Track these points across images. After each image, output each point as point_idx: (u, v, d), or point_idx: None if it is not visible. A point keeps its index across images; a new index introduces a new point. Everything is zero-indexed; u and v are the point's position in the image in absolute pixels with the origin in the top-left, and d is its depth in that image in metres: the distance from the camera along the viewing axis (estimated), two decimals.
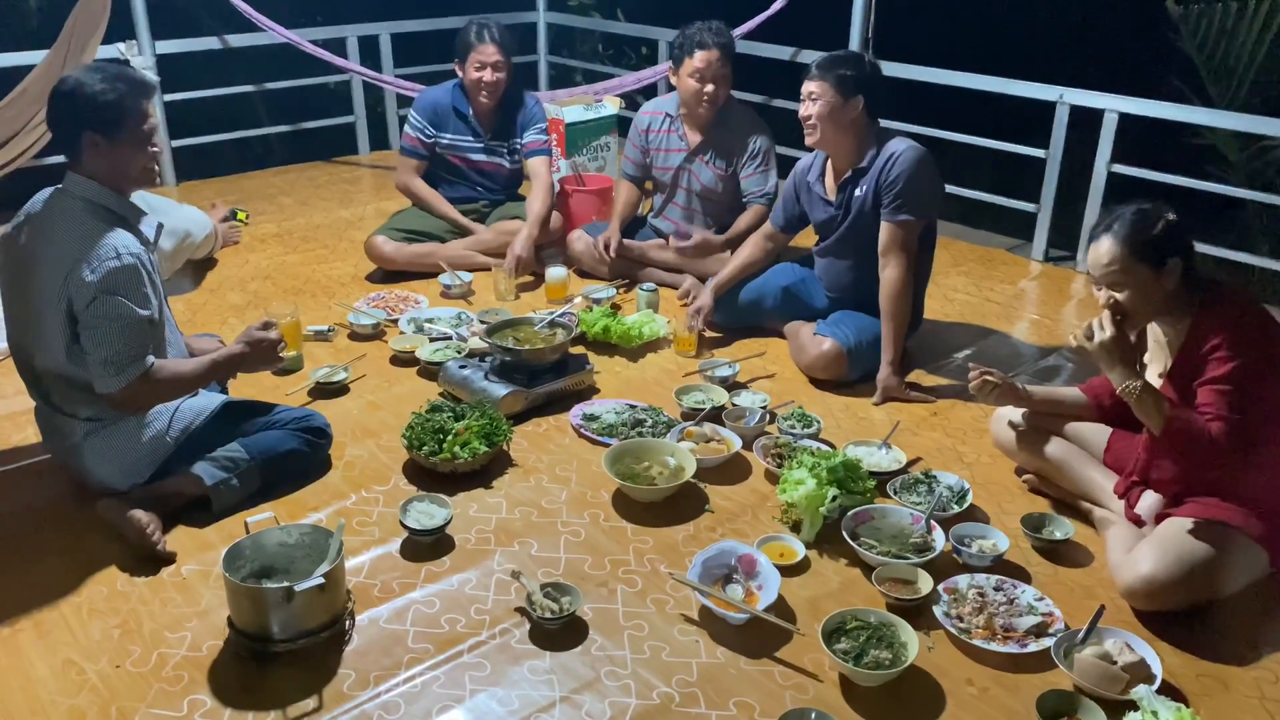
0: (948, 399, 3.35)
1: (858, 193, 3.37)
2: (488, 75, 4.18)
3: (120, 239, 2.44)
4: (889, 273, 3.29)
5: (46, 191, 2.57)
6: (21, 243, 2.52)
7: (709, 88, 3.95)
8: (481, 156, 4.42)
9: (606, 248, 4.19)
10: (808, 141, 3.37)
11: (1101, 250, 2.33)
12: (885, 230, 3.29)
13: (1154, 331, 2.50)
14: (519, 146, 4.41)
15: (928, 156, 3.29)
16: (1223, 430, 2.25)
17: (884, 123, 3.44)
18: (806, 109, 3.31)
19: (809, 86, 3.30)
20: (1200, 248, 2.41)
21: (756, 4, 5.31)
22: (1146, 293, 2.32)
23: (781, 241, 3.76)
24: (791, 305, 3.70)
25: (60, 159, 2.66)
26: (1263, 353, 2.28)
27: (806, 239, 3.82)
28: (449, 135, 4.37)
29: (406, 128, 4.39)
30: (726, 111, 4.06)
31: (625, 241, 4.25)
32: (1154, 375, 2.47)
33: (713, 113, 4.03)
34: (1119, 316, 2.34)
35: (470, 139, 4.38)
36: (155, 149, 2.54)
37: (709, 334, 3.78)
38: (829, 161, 3.48)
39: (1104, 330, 2.32)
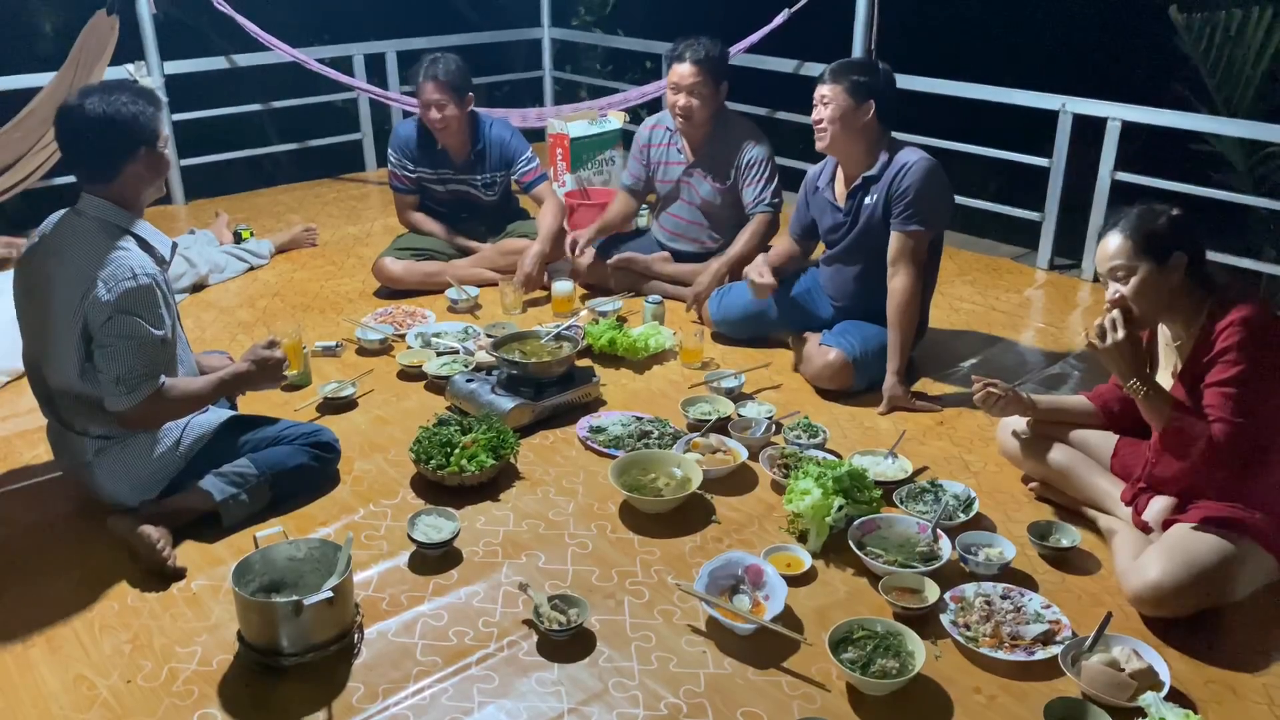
0: (954, 408, 3.35)
1: (867, 201, 3.38)
2: (433, 114, 4.11)
3: (136, 259, 2.47)
4: (897, 282, 3.30)
5: (60, 213, 2.60)
6: (37, 263, 2.55)
7: (680, 99, 3.96)
8: (455, 188, 4.37)
9: (574, 247, 4.18)
10: (818, 146, 3.38)
11: (1108, 245, 2.39)
12: (895, 240, 3.30)
13: (1163, 334, 2.51)
14: (498, 180, 4.35)
15: (939, 168, 3.30)
16: (1224, 431, 2.26)
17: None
18: (819, 113, 3.33)
19: (821, 90, 3.32)
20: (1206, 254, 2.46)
21: (759, 17, 5.33)
22: (1152, 287, 2.34)
23: (807, 251, 3.76)
24: (797, 315, 3.71)
25: (67, 179, 2.70)
26: (1273, 358, 2.28)
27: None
28: (423, 169, 4.32)
29: (389, 165, 4.36)
30: (724, 126, 4.07)
31: (631, 255, 4.27)
32: (1164, 377, 2.48)
33: (690, 126, 4.03)
34: (1128, 318, 2.36)
35: (441, 171, 4.32)
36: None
37: (712, 342, 3.80)
38: (839, 168, 3.50)
39: (1117, 331, 2.34)
